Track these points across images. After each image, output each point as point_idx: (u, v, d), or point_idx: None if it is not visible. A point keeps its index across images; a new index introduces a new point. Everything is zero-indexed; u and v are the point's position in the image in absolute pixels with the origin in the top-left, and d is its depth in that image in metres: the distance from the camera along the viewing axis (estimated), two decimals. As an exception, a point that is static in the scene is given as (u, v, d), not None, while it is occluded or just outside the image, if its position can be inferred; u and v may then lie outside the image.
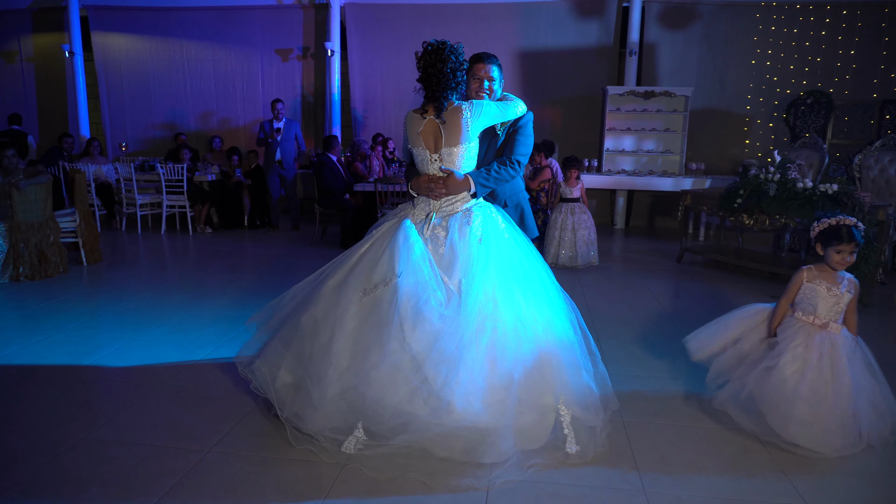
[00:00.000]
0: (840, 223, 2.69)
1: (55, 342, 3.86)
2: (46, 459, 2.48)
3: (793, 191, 5.43)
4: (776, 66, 8.84)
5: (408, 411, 2.34)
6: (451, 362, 2.34)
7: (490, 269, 2.53)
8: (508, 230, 2.73)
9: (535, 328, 2.52)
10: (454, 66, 2.59)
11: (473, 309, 2.43)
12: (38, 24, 10.56)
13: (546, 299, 2.63)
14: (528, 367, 2.46)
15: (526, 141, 2.88)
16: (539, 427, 2.48)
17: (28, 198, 5.46)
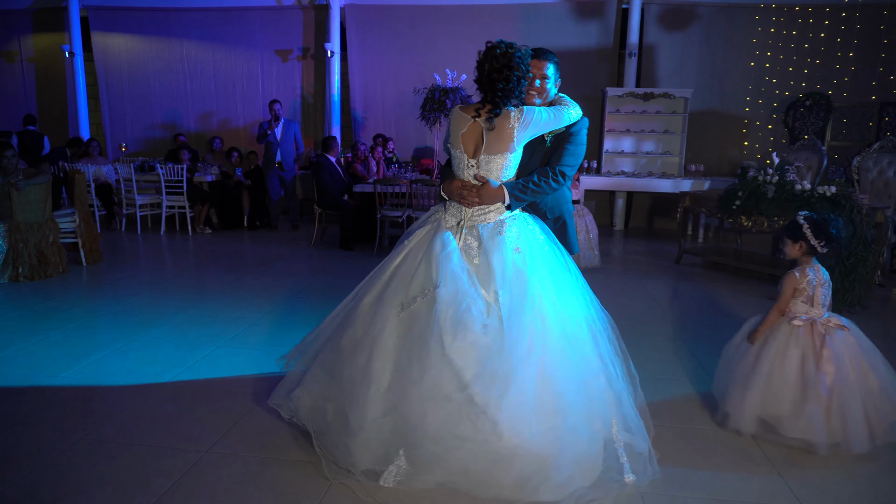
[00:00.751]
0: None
1: (54, 342, 3.87)
2: (45, 460, 2.49)
3: (791, 193, 5.44)
4: (775, 68, 8.85)
5: (451, 433, 2.14)
6: (503, 380, 2.14)
7: (532, 282, 2.33)
8: (548, 242, 2.53)
9: (582, 348, 2.34)
10: (521, 74, 2.36)
11: (524, 325, 2.23)
12: (39, 24, 10.57)
13: (589, 318, 2.45)
14: (579, 389, 2.25)
15: (575, 150, 2.60)
16: (593, 456, 2.25)
17: (28, 198, 5.47)
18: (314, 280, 5.74)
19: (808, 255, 2.76)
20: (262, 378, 3.35)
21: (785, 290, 2.75)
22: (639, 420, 2.41)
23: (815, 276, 2.73)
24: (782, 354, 2.68)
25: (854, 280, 4.85)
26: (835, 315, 2.76)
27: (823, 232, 2.68)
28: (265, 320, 4.40)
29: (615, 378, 2.40)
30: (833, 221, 2.71)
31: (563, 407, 2.18)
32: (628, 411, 2.38)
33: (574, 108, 2.59)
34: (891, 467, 2.59)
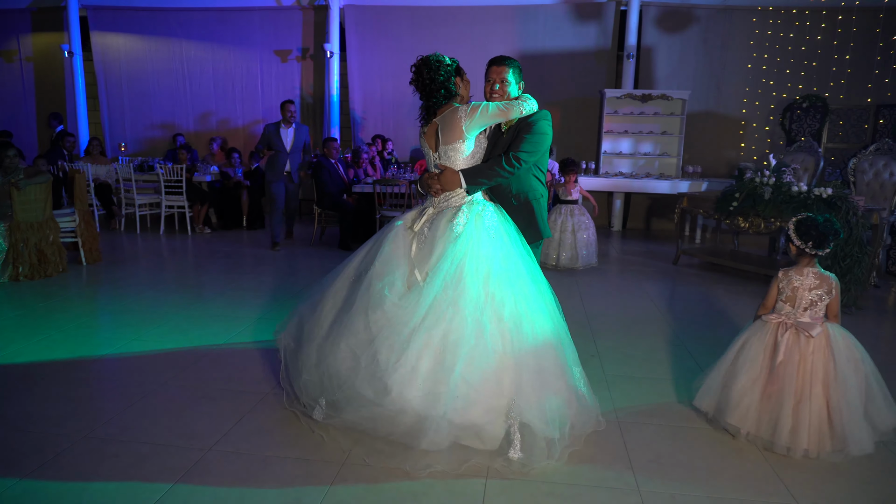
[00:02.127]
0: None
1: (55, 342, 3.89)
2: (48, 458, 2.51)
3: (788, 194, 5.48)
4: (772, 70, 8.90)
5: (353, 386, 2.52)
6: (397, 347, 2.46)
7: (457, 262, 2.56)
8: (499, 228, 2.72)
9: (501, 329, 2.50)
10: (432, 77, 2.76)
11: (427, 299, 2.51)
12: (38, 23, 10.58)
13: (526, 303, 2.58)
14: (483, 365, 2.44)
15: (532, 139, 2.81)
16: (490, 428, 2.47)
17: (28, 197, 5.49)
18: (313, 280, 5.75)
19: (804, 257, 2.72)
20: (263, 377, 3.37)
21: (770, 288, 2.83)
22: (563, 409, 2.51)
23: (802, 279, 2.70)
24: (744, 346, 2.79)
25: (850, 281, 4.89)
26: (828, 324, 2.68)
27: (806, 234, 2.67)
28: (265, 320, 4.42)
29: (540, 363, 2.50)
30: (817, 224, 2.66)
31: (453, 376, 2.40)
32: (547, 397, 2.47)
33: (527, 103, 2.82)
34: (887, 467, 2.62)
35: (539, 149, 2.84)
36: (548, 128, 2.87)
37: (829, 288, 2.70)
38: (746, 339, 2.80)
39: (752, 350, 2.74)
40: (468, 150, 2.77)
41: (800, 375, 2.61)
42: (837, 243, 4.90)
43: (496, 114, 2.75)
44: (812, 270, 2.72)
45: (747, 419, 2.69)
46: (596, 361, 3.73)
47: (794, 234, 2.71)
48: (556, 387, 2.51)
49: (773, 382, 2.65)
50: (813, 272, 2.72)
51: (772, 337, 2.72)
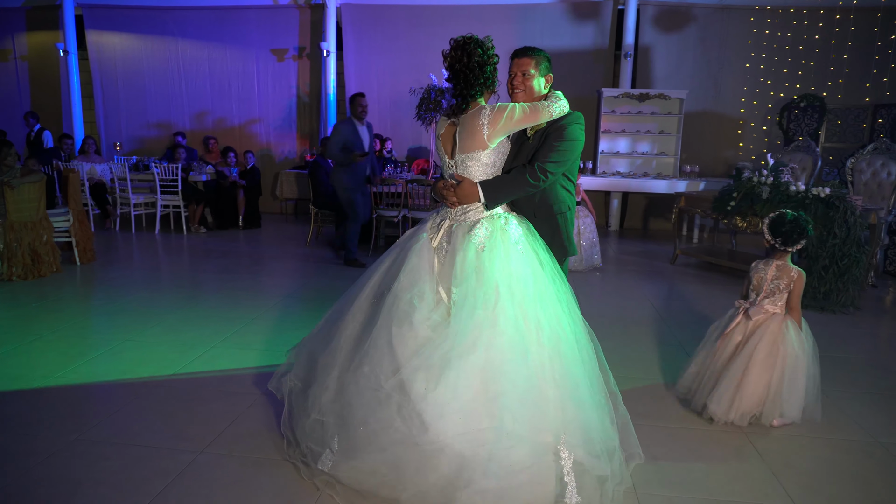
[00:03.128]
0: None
1: (48, 342, 3.85)
2: (39, 460, 2.48)
3: (786, 194, 5.46)
4: (770, 70, 8.89)
5: (377, 416, 2.15)
6: (433, 373, 2.13)
7: (490, 281, 2.26)
8: (526, 243, 2.40)
9: (539, 354, 2.20)
10: (481, 59, 2.37)
11: (468, 322, 2.19)
12: (33, 22, 10.52)
13: (562, 325, 2.31)
14: (524, 395, 2.13)
15: (561, 146, 2.47)
16: (541, 470, 2.11)
17: (21, 197, 5.44)
18: (309, 280, 5.73)
19: (776, 252, 2.90)
20: (257, 378, 3.34)
21: (747, 280, 3.06)
22: (608, 440, 2.23)
23: (766, 269, 2.92)
24: (714, 328, 3.10)
25: (847, 281, 4.88)
26: (776, 308, 2.90)
27: (776, 230, 2.86)
28: (260, 320, 4.39)
29: (580, 389, 2.23)
30: (787, 221, 2.84)
31: (499, 410, 2.09)
32: (590, 427, 2.19)
33: (559, 103, 2.49)
34: (884, 467, 2.60)
35: (569, 157, 2.51)
36: (580, 133, 2.53)
37: (789, 280, 2.87)
38: (717, 324, 3.11)
39: (715, 332, 3.08)
40: (489, 159, 2.43)
41: (739, 352, 2.90)
42: (833, 243, 4.90)
43: (521, 118, 2.40)
44: (777, 262, 2.91)
45: (696, 388, 3.04)
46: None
47: (767, 229, 2.91)
48: (599, 418, 2.23)
49: (714, 356, 2.99)
50: (777, 264, 2.91)
51: (734, 321, 2.98)
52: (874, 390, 3.39)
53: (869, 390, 3.38)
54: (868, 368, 3.72)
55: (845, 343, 4.16)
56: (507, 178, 2.45)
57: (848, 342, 4.18)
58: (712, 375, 2.96)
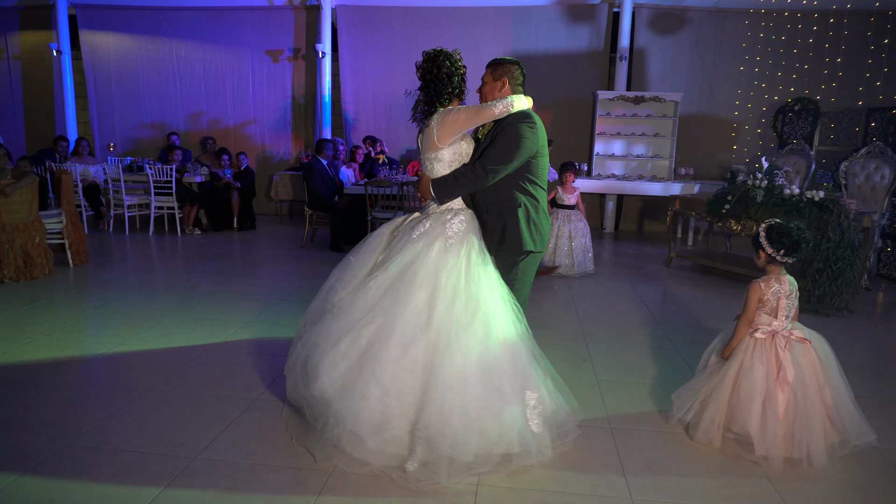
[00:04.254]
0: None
1: (40, 346, 3.82)
2: (30, 466, 2.45)
3: (780, 197, 5.48)
4: (764, 73, 8.92)
5: (296, 369, 2.64)
6: (333, 338, 2.53)
7: (403, 267, 2.53)
8: (462, 237, 2.58)
9: (428, 339, 2.41)
10: (449, 70, 2.66)
11: (363, 301, 2.55)
12: (26, 21, 10.45)
13: (466, 320, 2.43)
14: (399, 372, 2.40)
15: (502, 143, 2.59)
16: (397, 436, 2.42)
17: (13, 198, 5.40)
18: (304, 282, 5.71)
19: (773, 265, 2.68)
20: (251, 382, 3.32)
21: (750, 301, 2.69)
22: (469, 431, 2.35)
23: (780, 286, 2.66)
24: (748, 370, 2.63)
25: (841, 284, 4.89)
26: (798, 326, 2.69)
27: (778, 241, 2.63)
28: (255, 323, 4.37)
29: (463, 379, 2.37)
30: (789, 231, 2.63)
31: (363, 374, 2.43)
32: (454, 415, 2.34)
33: (500, 105, 2.62)
34: (880, 472, 2.60)
35: (513, 155, 2.59)
36: (525, 131, 2.61)
37: (796, 292, 2.70)
38: (745, 364, 2.65)
39: (758, 375, 2.59)
40: (445, 159, 2.68)
41: (806, 388, 2.57)
42: (827, 246, 4.91)
43: (465, 119, 2.61)
44: (786, 278, 2.68)
45: (775, 445, 2.53)
46: (588, 366, 3.70)
47: (765, 241, 2.65)
48: (490, 410, 2.38)
49: (784, 401, 2.55)
50: (787, 279, 2.68)
51: (773, 354, 2.61)
52: (869, 395, 3.39)
53: (864, 394, 3.38)
54: (863, 372, 3.73)
55: (839, 346, 4.13)
56: (453, 176, 2.65)
57: (842, 345, 4.19)
58: (789, 424, 2.56)
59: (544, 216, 2.79)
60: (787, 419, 2.56)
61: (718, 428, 2.69)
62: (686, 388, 2.88)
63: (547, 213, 2.82)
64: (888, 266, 6.33)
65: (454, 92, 2.69)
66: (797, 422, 2.55)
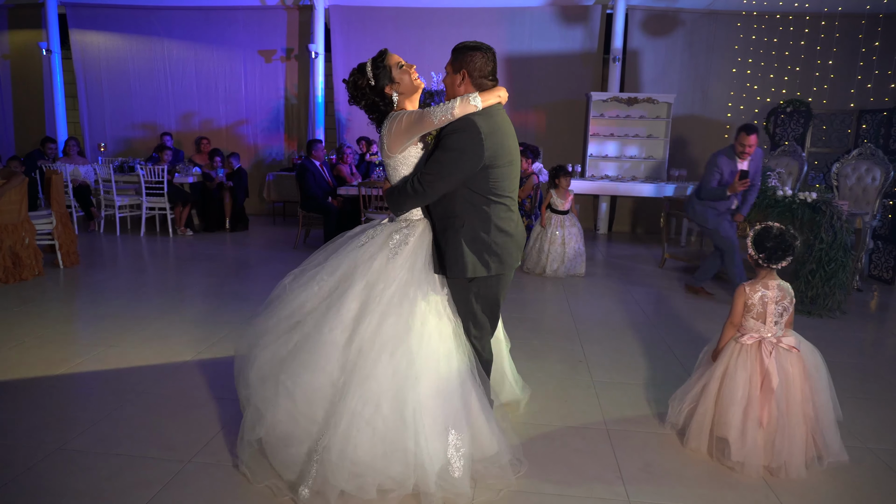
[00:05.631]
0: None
1: (29, 348, 3.77)
2: (19, 472, 2.41)
3: (773, 198, 5.50)
4: (756, 75, 8.96)
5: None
6: (270, 332, 2.47)
7: (337, 276, 2.41)
8: (400, 253, 2.38)
9: (347, 353, 2.26)
10: (359, 94, 2.53)
11: (303, 299, 2.44)
12: (15, 20, 10.35)
13: (392, 344, 2.24)
14: (310, 382, 2.26)
15: (438, 157, 2.29)
16: (296, 450, 2.28)
17: (2, 199, 5.34)
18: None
19: (761, 269, 2.64)
20: (244, 385, 3.29)
21: (735, 304, 2.65)
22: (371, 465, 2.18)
23: (767, 291, 2.60)
24: (731, 376, 2.59)
25: (834, 285, 4.91)
26: (792, 334, 2.63)
27: (761, 246, 2.60)
28: (247, 326, 4.32)
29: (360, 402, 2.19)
30: (773, 236, 2.58)
31: (280, 382, 2.30)
32: (353, 445, 2.17)
33: (443, 107, 2.28)
34: (873, 472, 2.61)
35: (444, 170, 2.27)
36: (463, 143, 2.25)
37: (791, 298, 2.62)
38: (729, 369, 2.61)
39: (740, 381, 2.56)
40: (399, 165, 2.41)
41: (790, 398, 2.54)
42: (820, 247, 4.93)
43: (407, 129, 2.32)
44: (775, 283, 2.63)
45: (754, 453, 2.51)
46: (584, 367, 3.69)
47: (752, 245, 2.63)
48: (401, 444, 2.18)
49: (766, 409, 2.51)
50: (776, 284, 2.62)
51: (758, 361, 2.56)
52: (862, 395, 3.40)
53: (856, 395, 3.39)
54: (855, 373, 3.74)
55: (832, 347, 4.18)
56: (397, 188, 2.40)
57: (834, 346, 4.20)
58: (771, 432, 2.53)
59: (506, 232, 2.41)
60: (768, 427, 2.51)
61: (706, 433, 2.66)
62: (680, 392, 2.87)
63: (514, 224, 2.47)
64: (879, 267, 6.37)
65: (374, 112, 2.49)
66: (778, 431, 2.51)
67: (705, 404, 2.67)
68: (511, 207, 2.46)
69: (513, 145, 2.44)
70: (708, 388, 2.67)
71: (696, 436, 2.69)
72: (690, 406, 2.77)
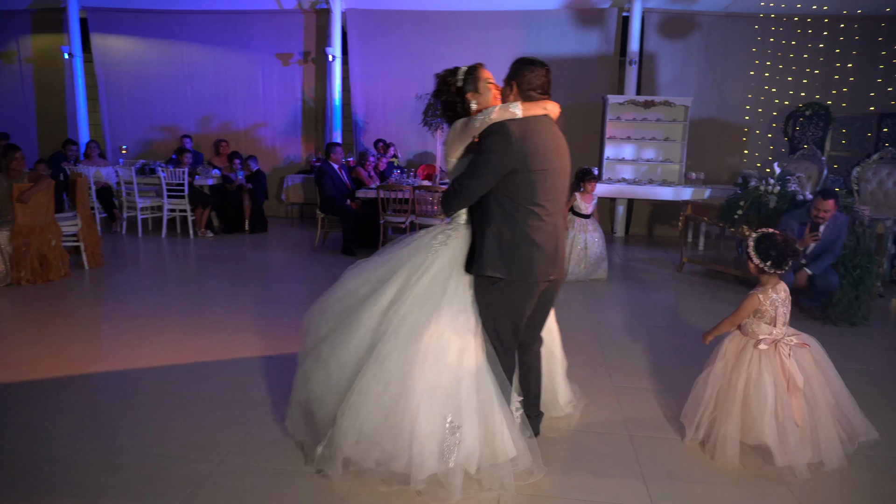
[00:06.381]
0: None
1: (60, 348, 3.85)
2: (59, 469, 2.48)
3: (793, 202, 5.48)
4: (775, 78, 8.92)
5: None
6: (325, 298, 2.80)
7: (391, 265, 2.63)
8: (437, 249, 2.55)
9: (371, 341, 2.46)
10: (447, 94, 2.60)
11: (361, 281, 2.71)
12: (37, 25, 10.53)
13: (417, 329, 2.40)
14: (337, 357, 2.52)
15: (473, 158, 2.40)
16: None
17: (30, 201, 5.45)
18: (317, 286, 5.73)
19: (765, 275, 2.65)
20: (271, 387, 3.34)
21: (743, 308, 2.67)
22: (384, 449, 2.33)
23: (777, 295, 2.63)
24: (757, 383, 2.57)
25: (862, 292, 4.84)
26: (792, 330, 2.67)
27: (765, 253, 2.59)
28: (271, 327, 4.39)
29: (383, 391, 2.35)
30: (777, 243, 2.58)
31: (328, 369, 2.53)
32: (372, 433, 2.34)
33: (480, 115, 2.42)
34: None
35: (477, 170, 2.37)
36: (494, 143, 2.34)
37: (790, 297, 2.69)
38: (752, 377, 2.60)
39: (767, 387, 2.55)
40: (456, 171, 2.53)
41: (814, 392, 2.59)
42: (843, 253, 4.90)
43: (458, 136, 2.49)
44: (781, 286, 2.65)
45: (798, 454, 2.51)
46: (605, 372, 3.71)
47: (754, 252, 2.62)
48: (402, 421, 2.31)
49: (798, 408, 2.53)
50: (783, 287, 2.65)
51: (778, 363, 2.58)
52: (886, 404, 3.39)
53: (884, 403, 3.37)
54: (880, 381, 3.72)
55: (856, 355, 4.17)
56: (446, 189, 2.55)
57: (859, 354, 4.18)
58: (805, 430, 2.55)
59: (533, 241, 2.41)
60: (803, 425, 2.55)
61: (735, 443, 2.65)
62: (690, 405, 2.85)
63: (545, 236, 2.44)
64: (901, 272, 6.31)
65: (452, 113, 2.59)
66: (812, 426, 2.56)
67: (730, 415, 2.64)
68: (544, 218, 2.43)
69: (552, 155, 2.45)
70: (729, 399, 2.65)
71: (724, 448, 2.66)
72: (709, 418, 2.74)
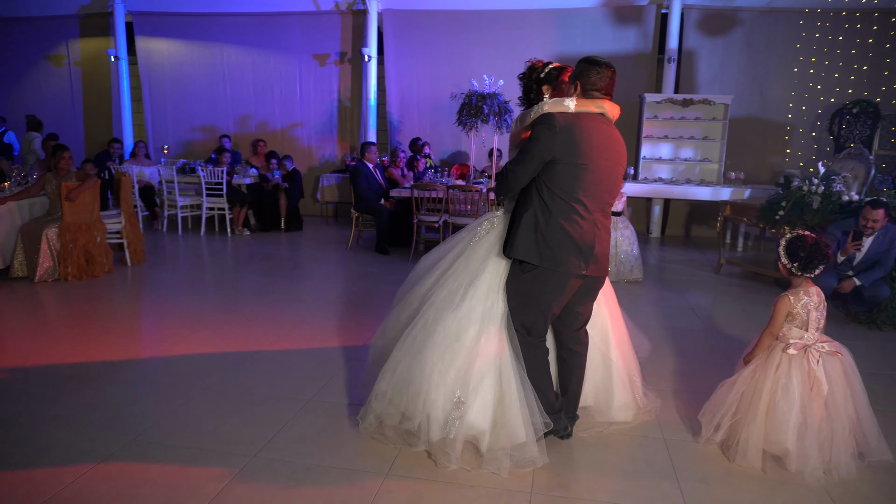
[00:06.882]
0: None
1: (102, 342, 3.98)
2: (98, 459, 2.56)
3: (837, 203, 5.31)
4: (819, 74, 8.64)
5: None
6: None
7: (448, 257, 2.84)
8: (480, 236, 2.77)
9: (409, 310, 2.78)
10: (528, 82, 2.85)
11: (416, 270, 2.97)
12: (85, 29, 10.90)
13: (451, 307, 2.61)
14: (388, 327, 2.84)
15: (523, 146, 2.50)
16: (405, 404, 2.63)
17: (77, 200, 5.64)
18: (351, 284, 5.80)
19: (795, 278, 2.61)
20: (303, 384, 3.40)
21: (777, 314, 2.62)
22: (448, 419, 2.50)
23: (809, 299, 2.58)
24: (786, 388, 2.53)
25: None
26: (826, 338, 2.61)
27: (792, 252, 2.57)
28: (304, 324, 4.46)
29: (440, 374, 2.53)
30: (807, 245, 2.53)
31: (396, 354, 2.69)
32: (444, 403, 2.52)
33: (536, 106, 2.53)
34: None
35: (522, 156, 2.46)
36: (539, 131, 2.42)
37: (825, 303, 2.62)
38: (781, 380, 2.56)
39: (795, 391, 2.51)
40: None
41: (836, 401, 2.54)
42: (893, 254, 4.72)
43: (518, 125, 2.68)
44: (814, 289, 2.61)
45: (813, 457, 2.48)
46: (638, 374, 3.65)
47: (784, 252, 2.60)
48: (422, 386, 2.53)
49: (817, 414, 2.50)
50: (815, 290, 2.60)
51: (807, 369, 2.54)
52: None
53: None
54: (927, 388, 3.58)
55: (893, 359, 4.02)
56: (498, 175, 2.68)
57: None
58: (825, 439, 2.52)
59: (567, 233, 2.43)
60: (820, 432, 2.51)
61: (757, 448, 2.58)
62: (710, 405, 2.78)
63: (582, 231, 2.45)
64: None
65: (528, 99, 2.84)
66: (829, 435, 2.52)
67: (755, 420, 2.57)
68: (583, 214, 2.45)
69: (598, 153, 2.45)
70: (755, 404, 2.58)
71: (745, 452, 2.59)
72: (732, 421, 2.68)
